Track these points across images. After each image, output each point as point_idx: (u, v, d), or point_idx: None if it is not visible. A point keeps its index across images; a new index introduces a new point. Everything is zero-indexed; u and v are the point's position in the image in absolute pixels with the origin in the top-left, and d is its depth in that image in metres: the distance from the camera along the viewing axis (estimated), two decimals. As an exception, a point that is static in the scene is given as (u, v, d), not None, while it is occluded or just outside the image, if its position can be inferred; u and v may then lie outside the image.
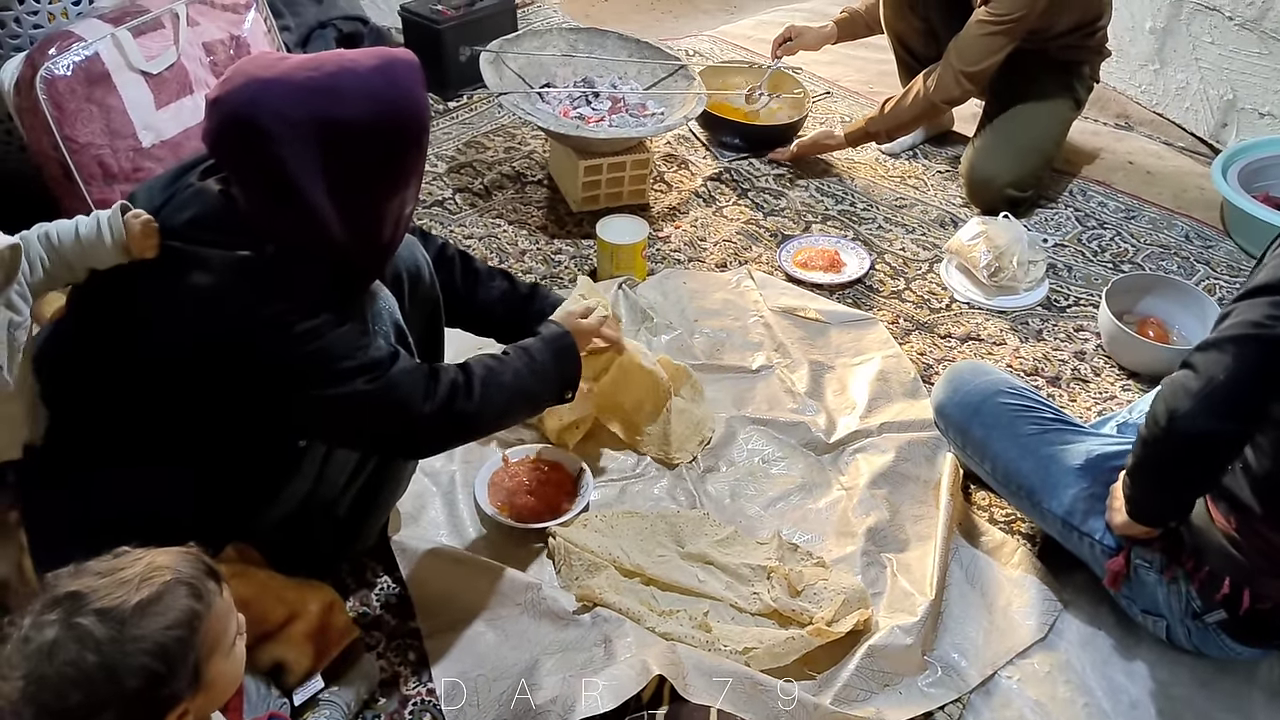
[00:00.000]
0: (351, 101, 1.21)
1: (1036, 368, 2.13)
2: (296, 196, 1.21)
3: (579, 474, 1.81)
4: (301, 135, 1.19)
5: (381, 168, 1.25)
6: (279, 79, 1.20)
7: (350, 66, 1.23)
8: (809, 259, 2.38)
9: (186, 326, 1.22)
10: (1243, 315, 1.27)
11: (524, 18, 3.38)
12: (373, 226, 1.28)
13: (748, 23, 3.64)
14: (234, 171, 1.25)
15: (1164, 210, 2.62)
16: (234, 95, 1.20)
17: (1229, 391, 1.26)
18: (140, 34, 2.09)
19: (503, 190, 2.63)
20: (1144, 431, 1.36)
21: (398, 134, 1.25)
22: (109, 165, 2.06)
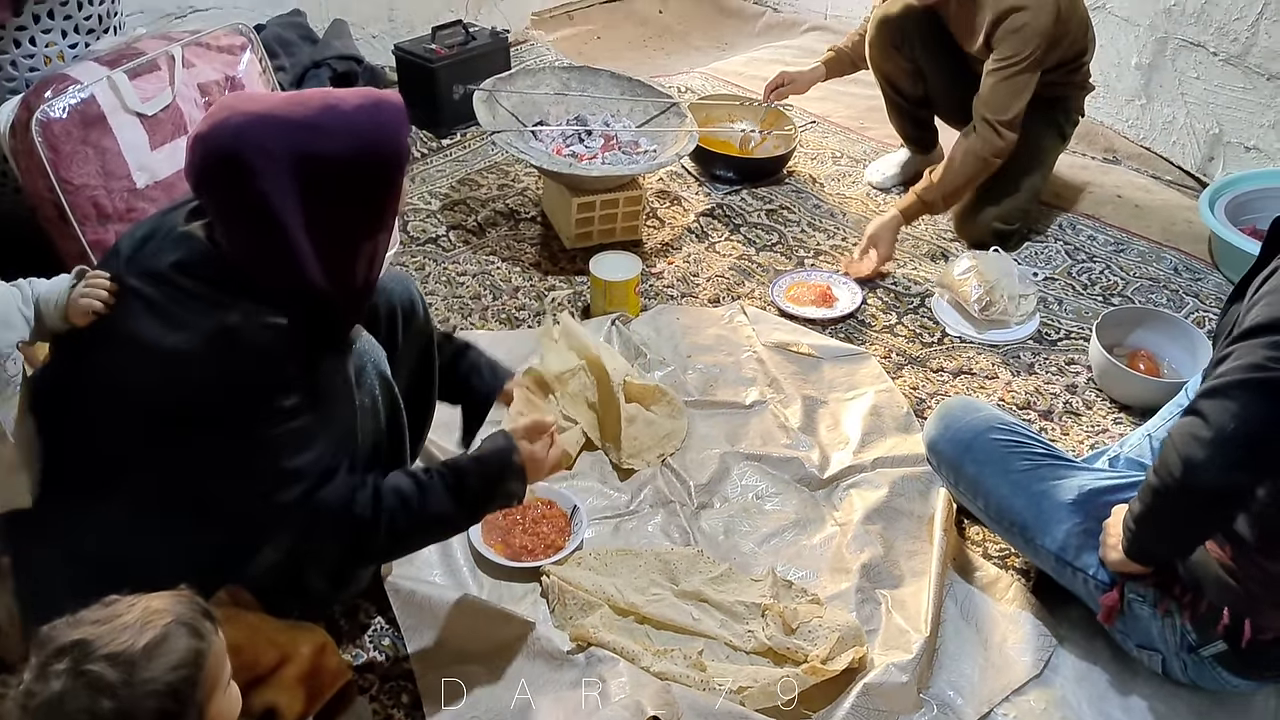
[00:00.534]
0: (334, 138, 1.21)
1: (1029, 401, 2.14)
2: (277, 232, 1.21)
3: (573, 511, 1.81)
4: (283, 169, 1.19)
5: (360, 206, 1.25)
6: (262, 115, 1.21)
7: (335, 104, 1.23)
8: (801, 294, 2.39)
9: (156, 384, 1.22)
10: (1243, 358, 1.26)
11: (517, 56, 3.42)
12: (348, 266, 1.28)
13: (739, 60, 3.68)
14: (216, 206, 1.25)
15: (1153, 243, 2.64)
16: (217, 130, 1.20)
17: (1242, 441, 1.25)
18: (136, 76, 2.10)
19: (496, 227, 2.64)
20: (1155, 481, 1.35)
21: (378, 173, 1.25)
22: (103, 206, 2.07)
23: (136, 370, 1.23)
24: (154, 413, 1.23)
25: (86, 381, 1.27)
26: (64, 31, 2.18)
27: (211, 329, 1.21)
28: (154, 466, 1.27)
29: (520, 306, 2.36)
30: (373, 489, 1.33)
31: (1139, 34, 2.92)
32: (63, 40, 2.18)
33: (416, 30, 3.21)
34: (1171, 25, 2.84)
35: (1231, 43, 2.71)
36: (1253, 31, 2.65)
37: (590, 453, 1.98)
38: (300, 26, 2.88)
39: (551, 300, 2.34)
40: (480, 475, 1.40)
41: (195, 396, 1.22)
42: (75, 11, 2.18)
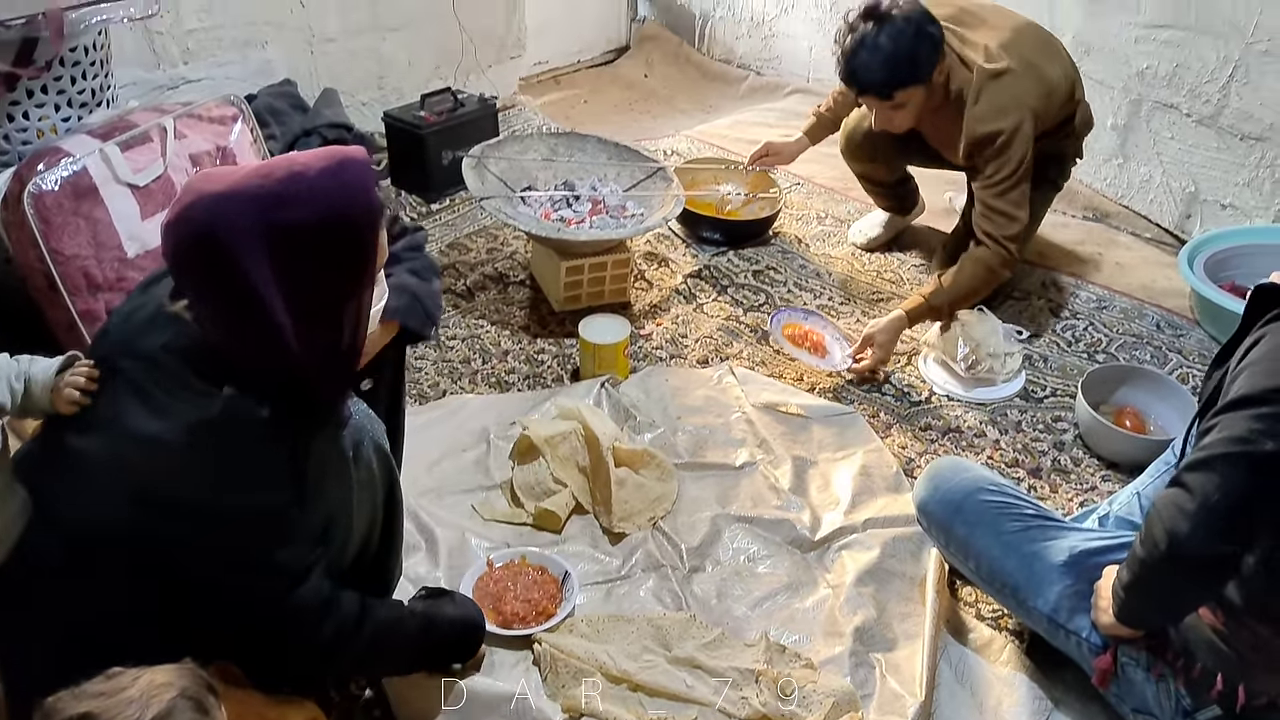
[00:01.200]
0: (301, 206, 1.20)
1: (1017, 459, 2.15)
2: (254, 308, 1.20)
3: (564, 577, 1.80)
4: (253, 244, 1.18)
5: (337, 269, 1.24)
6: (227, 192, 1.20)
7: (300, 171, 1.22)
8: (797, 334, 2.41)
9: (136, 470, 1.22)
10: (1227, 430, 1.27)
11: (505, 120, 3.47)
12: (333, 330, 1.26)
13: (723, 122, 3.74)
14: (195, 290, 1.24)
15: (1135, 300, 2.67)
16: (185, 214, 1.19)
17: (1225, 513, 1.26)
18: (128, 148, 2.13)
19: (485, 291, 2.66)
20: (1140, 552, 1.35)
21: (350, 234, 1.24)
22: (94, 276, 2.08)
23: (118, 453, 1.23)
24: (133, 497, 1.22)
25: (70, 461, 1.27)
26: (57, 105, 2.21)
27: (194, 420, 1.20)
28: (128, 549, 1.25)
29: (510, 370, 2.37)
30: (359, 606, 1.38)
31: (1114, 96, 2.99)
32: (56, 114, 2.21)
33: (406, 97, 3.26)
34: (1145, 88, 2.91)
35: (1204, 104, 2.77)
36: (1223, 94, 2.72)
37: (580, 517, 1.98)
38: (291, 96, 2.92)
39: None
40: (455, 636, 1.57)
41: (174, 486, 1.21)
42: (69, 86, 2.21)
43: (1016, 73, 2.29)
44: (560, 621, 1.72)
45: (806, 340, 2.40)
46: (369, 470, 1.42)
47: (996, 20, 2.40)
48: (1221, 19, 2.67)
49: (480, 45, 3.51)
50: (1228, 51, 2.68)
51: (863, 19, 2.23)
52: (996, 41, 2.32)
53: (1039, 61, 2.36)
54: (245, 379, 1.23)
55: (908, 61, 2.23)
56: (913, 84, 2.26)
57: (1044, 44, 2.44)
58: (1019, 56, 2.31)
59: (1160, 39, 2.82)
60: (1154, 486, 1.76)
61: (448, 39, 3.41)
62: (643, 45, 4.46)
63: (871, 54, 2.22)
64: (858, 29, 2.24)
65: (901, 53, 2.22)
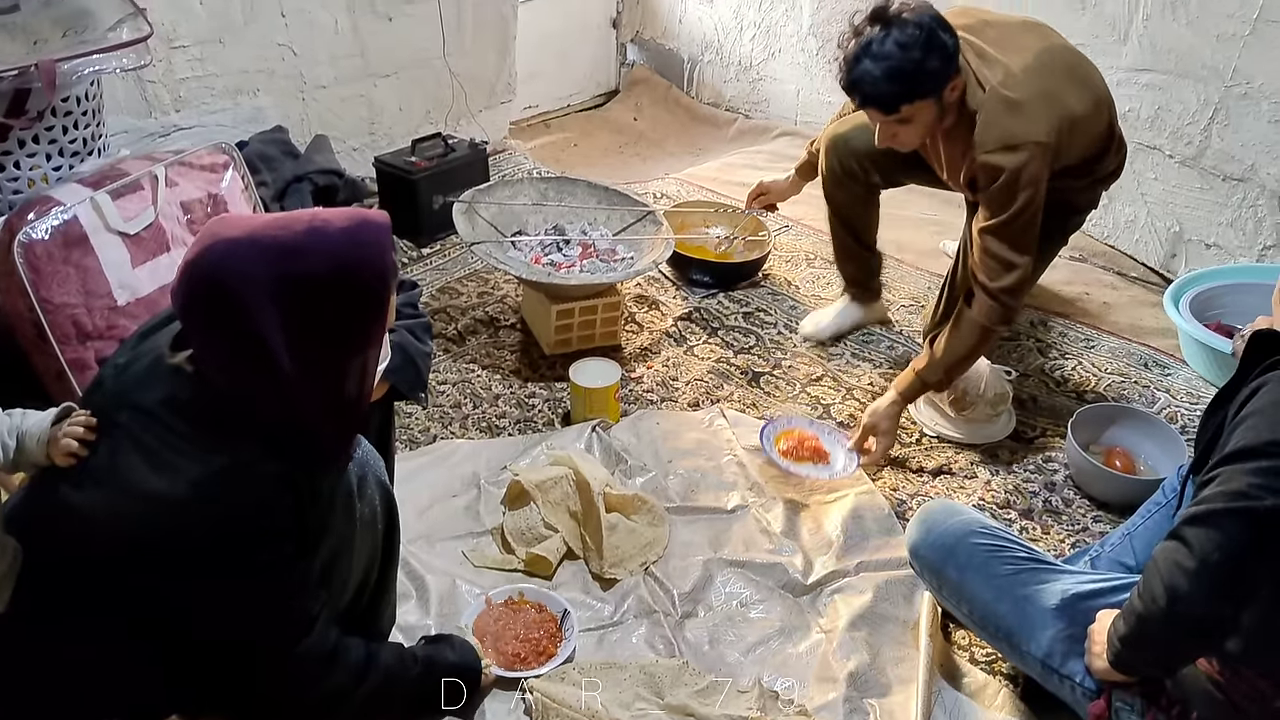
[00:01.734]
0: (316, 261, 1.22)
1: (1008, 500, 2.15)
2: (260, 354, 1.21)
3: (563, 615, 1.80)
4: (263, 294, 1.19)
5: (344, 326, 1.26)
6: (244, 239, 1.22)
7: (320, 227, 1.24)
8: (793, 448, 2.21)
9: (137, 525, 1.22)
10: (1227, 484, 1.26)
11: (496, 165, 3.49)
12: (337, 384, 1.27)
13: (712, 165, 3.77)
14: (201, 333, 1.25)
15: (1122, 339, 2.69)
16: (201, 256, 1.21)
17: (1226, 571, 1.25)
18: (119, 196, 2.14)
19: (476, 335, 2.67)
20: (1139, 606, 1.34)
21: (361, 294, 1.25)
22: (83, 324, 2.08)
23: (117, 508, 1.22)
24: (133, 552, 1.22)
25: (66, 513, 1.26)
26: (48, 155, 2.22)
27: (199, 476, 1.20)
28: (125, 604, 1.25)
29: (500, 414, 2.37)
30: (366, 653, 1.41)
31: (1097, 137, 3.03)
32: (47, 163, 2.22)
33: (397, 143, 3.28)
34: (1128, 130, 2.92)
35: (1186, 146, 2.81)
36: (1205, 135, 2.76)
37: (572, 562, 1.97)
38: (282, 143, 2.94)
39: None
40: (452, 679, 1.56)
41: (178, 543, 1.21)
42: (60, 135, 2.22)
43: (1033, 103, 2.06)
44: (563, 662, 1.71)
45: (803, 449, 2.20)
46: (371, 507, 1.42)
47: (1023, 39, 2.17)
48: (1200, 63, 2.71)
49: (471, 91, 3.55)
50: (1207, 95, 2.72)
51: (869, 22, 1.99)
52: (1020, 64, 2.09)
53: (1061, 89, 2.12)
54: (249, 429, 1.23)
55: (917, 72, 1.97)
56: (921, 98, 2.01)
57: (1071, 69, 2.20)
58: (1039, 84, 2.09)
59: (1141, 82, 2.87)
60: (1145, 527, 1.76)
61: (438, 85, 3.45)
62: (632, 89, 4.51)
63: (876, 62, 1.96)
64: (863, 33, 1.99)
65: (910, 62, 1.95)
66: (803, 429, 2.26)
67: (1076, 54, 2.26)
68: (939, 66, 1.98)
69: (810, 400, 2.46)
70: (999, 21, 2.21)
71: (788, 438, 2.22)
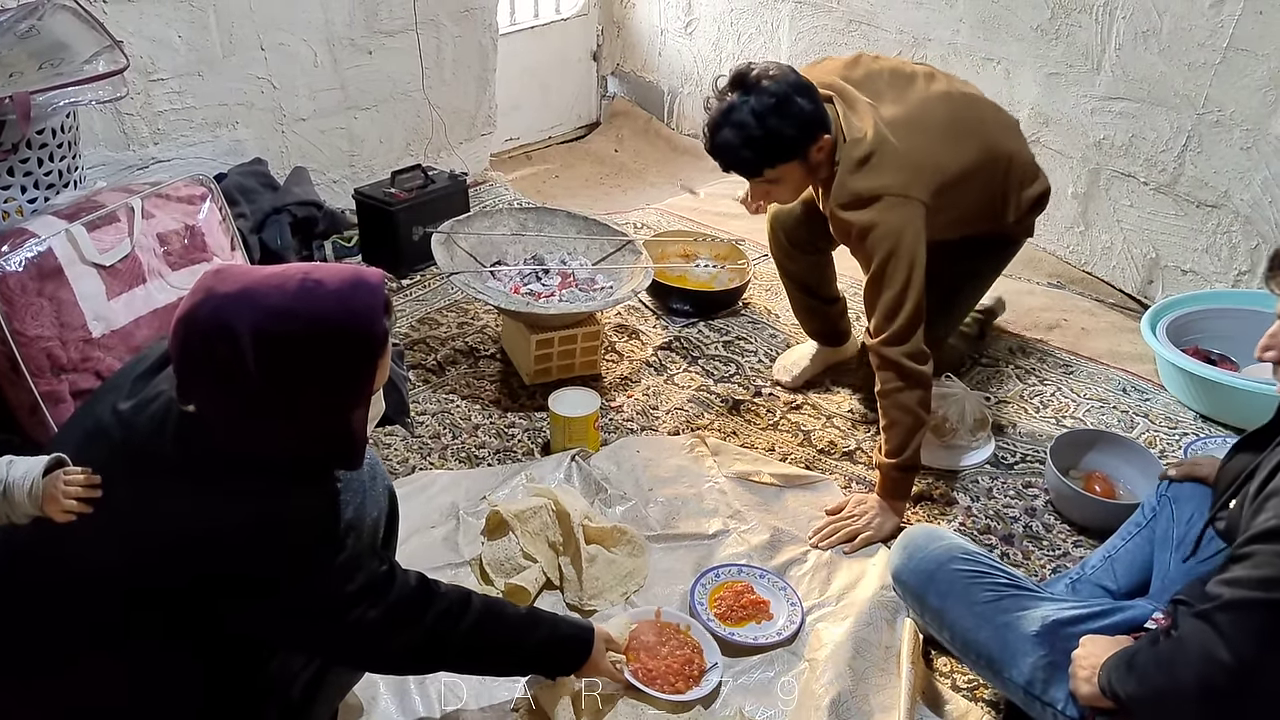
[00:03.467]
0: (306, 321, 1.23)
1: (989, 526, 2.14)
2: (255, 409, 1.23)
3: (712, 666, 1.79)
4: (254, 352, 1.21)
5: (330, 385, 1.27)
6: (236, 294, 1.23)
7: (312, 287, 1.25)
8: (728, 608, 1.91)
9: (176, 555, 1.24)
10: (1262, 569, 1.22)
11: (476, 196, 3.50)
12: (332, 433, 1.30)
13: (692, 196, 3.79)
14: (196, 386, 1.25)
15: (1100, 364, 2.70)
16: (194, 311, 1.22)
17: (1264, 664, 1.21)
18: (95, 228, 2.13)
19: (455, 365, 2.66)
20: (1160, 683, 1.29)
21: (351, 354, 1.26)
22: (58, 357, 2.06)
23: (150, 547, 1.24)
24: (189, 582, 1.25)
25: (74, 564, 1.26)
26: (24, 187, 2.21)
27: (255, 510, 1.25)
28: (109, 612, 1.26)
29: (480, 445, 2.36)
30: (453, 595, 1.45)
31: (1073, 165, 3.06)
32: (22, 196, 2.21)
33: (377, 174, 3.28)
34: (1103, 158, 2.98)
35: (1160, 173, 2.84)
36: (1179, 163, 2.79)
37: (551, 593, 1.95)
38: (261, 174, 2.94)
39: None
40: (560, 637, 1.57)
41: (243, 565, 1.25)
42: (36, 168, 2.21)
43: (889, 158, 2.02)
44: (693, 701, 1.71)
45: (740, 605, 1.92)
46: (379, 507, 1.45)
47: (907, 91, 2.16)
48: (1173, 91, 2.75)
49: (451, 123, 3.56)
50: (1180, 122, 2.76)
51: (730, 88, 2.02)
52: (890, 115, 2.07)
53: (931, 142, 2.08)
54: (266, 465, 1.27)
55: (773, 139, 2.00)
56: (782, 162, 2.04)
57: (952, 121, 2.15)
58: (905, 138, 2.05)
59: (1115, 110, 2.90)
60: (1126, 550, 1.76)
61: (418, 117, 3.46)
62: (613, 121, 4.54)
63: (734, 130, 2.00)
64: (724, 99, 2.02)
65: (766, 130, 1.98)
66: (735, 581, 1.97)
67: (969, 103, 2.24)
68: (794, 133, 2.01)
69: (791, 427, 2.45)
70: (890, 70, 2.20)
71: (722, 593, 1.94)
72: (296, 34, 3.01)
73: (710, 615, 1.89)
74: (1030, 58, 3.06)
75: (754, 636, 1.85)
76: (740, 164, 2.06)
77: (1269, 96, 2.56)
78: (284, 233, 2.81)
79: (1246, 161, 2.65)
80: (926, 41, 3.30)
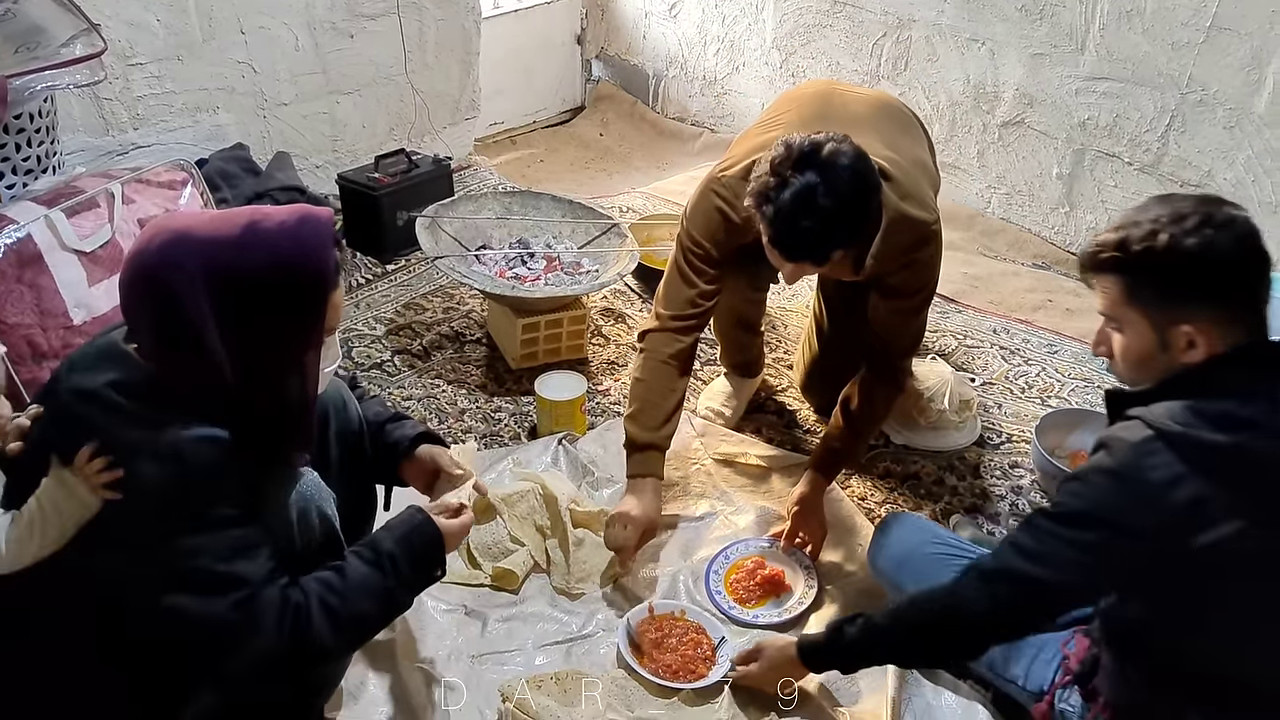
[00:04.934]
0: (253, 255, 1.22)
1: (975, 506, 2.15)
2: (194, 346, 1.21)
3: (720, 641, 1.79)
4: (199, 285, 1.20)
5: (282, 322, 1.25)
6: (185, 231, 1.23)
7: (259, 220, 1.25)
8: (744, 585, 1.92)
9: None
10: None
11: (461, 181, 3.48)
12: (277, 381, 1.28)
13: (678, 178, 3.77)
14: (137, 321, 1.25)
15: (1085, 344, 2.70)
16: (143, 248, 1.23)
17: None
18: (74, 214, 2.11)
19: (441, 350, 2.65)
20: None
21: (299, 290, 1.25)
22: (38, 344, 2.05)
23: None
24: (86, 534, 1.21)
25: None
26: (1, 173, 2.19)
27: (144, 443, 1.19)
28: (83, 597, 1.24)
29: (466, 430, 2.35)
30: (299, 586, 1.31)
31: (1057, 146, 3.06)
32: (0, 182, 2.18)
33: (360, 159, 3.26)
34: (1087, 138, 2.98)
35: (1144, 153, 2.85)
36: (1162, 142, 2.79)
37: (539, 576, 1.95)
38: (243, 160, 2.92)
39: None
40: (393, 539, 1.41)
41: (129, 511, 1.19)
42: (13, 153, 2.19)
43: (913, 183, 1.87)
44: (710, 685, 1.70)
45: (756, 584, 1.92)
46: (312, 533, 1.39)
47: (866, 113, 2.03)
48: (1157, 71, 2.75)
49: (434, 107, 3.53)
50: (1164, 102, 2.76)
51: (796, 169, 1.66)
52: (880, 142, 1.89)
53: (923, 169, 2.00)
54: (198, 410, 1.23)
55: (859, 219, 1.72)
56: (857, 244, 1.77)
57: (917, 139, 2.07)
58: (908, 166, 1.91)
59: (1099, 90, 2.90)
60: None
61: (402, 102, 3.43)
62: (598, 105, 4.51)
63: (815, 219, 1.65)
64: (791, 183, 1.65)
65: (851, 211, 1.69)
66: (745, 559, 1.98)
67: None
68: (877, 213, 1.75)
69: (776, 407, 2.45)
70: (836, 96, 2.08)
71: (736, 575, 1.94)
72: (277, 17, 2.98)
73: (731, 603, 1.88)
74: (1015, 38, 3.05)
75: (777, 614, 1.87)
76: (814, 253, 1.74)
77: (1252, 75, 2.57)
78: (267, 218, 2.78)
79: (1230, 141, 2.66)
80: (911, 23, 3.29)
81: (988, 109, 3.20)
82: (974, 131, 3.27)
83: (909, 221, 1.81)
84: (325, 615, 1.30)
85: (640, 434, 2.00)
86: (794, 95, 2.16)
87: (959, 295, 2.93)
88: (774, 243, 1.72)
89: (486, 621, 1.83)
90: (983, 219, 3.31)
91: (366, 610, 1.37)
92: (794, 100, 2.11)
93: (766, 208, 1.68)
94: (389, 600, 1.40)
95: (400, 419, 1.70)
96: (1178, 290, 1.24)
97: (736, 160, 1.94)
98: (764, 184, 1.69)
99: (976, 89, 3.20)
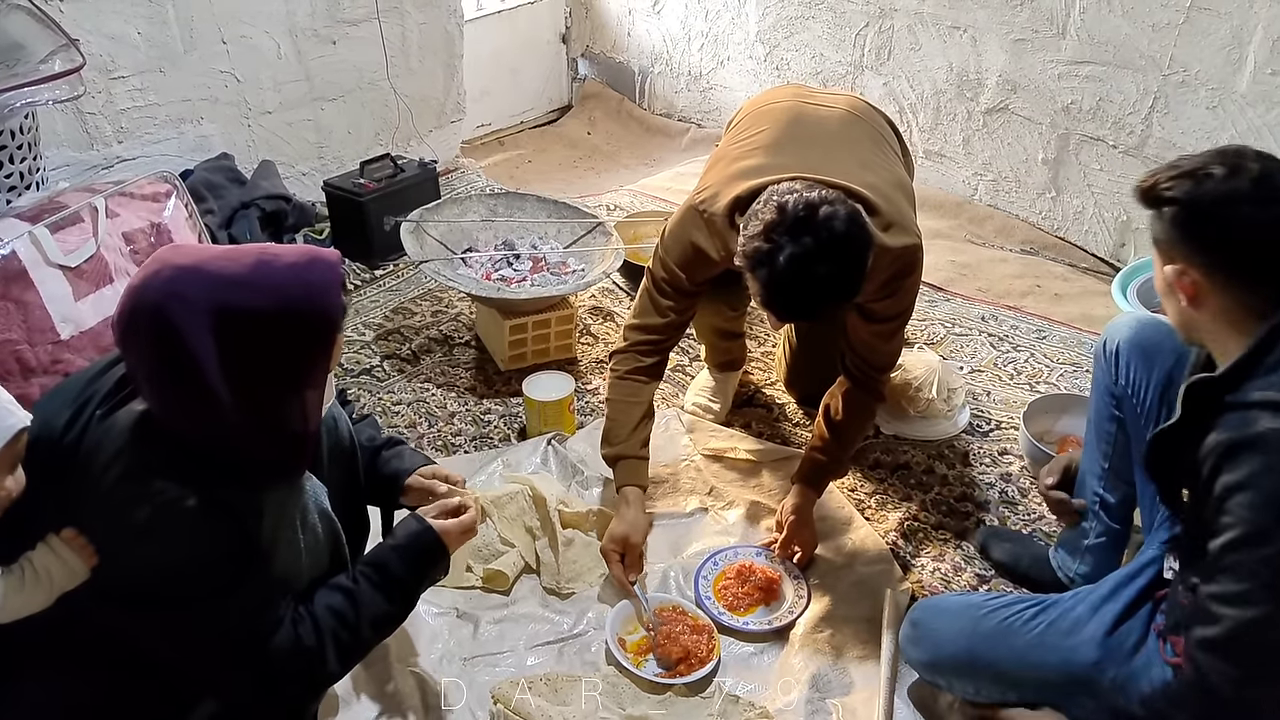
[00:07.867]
0: (259, 295, 1.22)
1: (965, 494, 2.16)
2: (192, 383, 1.21)
3: (712, 631, 1.82)
4: (202, 323, 1.20)
5: (284, 362, 1.26)
6: (192, 267, 1.22)
7: (269, 261, 1.25)
8: (734, 592, 1.91)
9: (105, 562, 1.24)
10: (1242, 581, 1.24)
11: (448, 184, 3.48)
12: (276, 419, 1.28)
13: (665, 175, 3.77)
14: (138, 357, 1.24)
15: (1073, 329, 2.71)
16: (148, 282, 1.22)
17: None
18: (59, 229, 2.11)
19: (430, 354, 2.65)
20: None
21: (303, 331, 1.25)
22: (27, 360, 2.05)
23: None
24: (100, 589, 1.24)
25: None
26: (-17, 191, 2.19)
27: (154, 511, 1.21)
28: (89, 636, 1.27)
29: (456, 432, 2.36)
30: (309, 618, 1.35)
31: (1042, 131, 3.06)
32: (-18, 199, 2.19)
33: (346, 165, 3.26)
34: (1071, 122, 2.98)
35: (1128, 136, 2.84)
36: (1146, 124, 2.79)
37: (530, 577, 1.96)
38: (228, 170, 2.92)
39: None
40: (404, 562, 1.46)
41: (141, 575, 1.23)
42: (-5, 170, 2.20)
43: (895, 210, 1.84)
44: (709, 673, 1.73)
45: (745, 591, 1.91)
46: (315, 533, 1.41)
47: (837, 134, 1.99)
48: (1138, 53, 2.75)
49: (419, 111, 3.54)
50: (1147, 84, 2.76)
51: (791, 234, 1.61)
52: (856, 163, 1.89)
53: (905, 194, 1.97)
54: (204, 463, 1.24)
55: (854, 280, 1.66)
56: (850, 299, 1.73)
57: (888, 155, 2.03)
58: (881, 170, 1.92)
59: (1082, 74, 2.90)
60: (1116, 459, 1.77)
61: (386, 107, 3.43)
62: (585, 103, 4.51)
63: (810, 285, 1.63)
64: (785, 249, 1.61)
65: (847, 275, 1.65)
66: (733, 564, 1.96)
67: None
68: (869, 262, 1.68)
69: (764, 400, 2.46)
70: (824, 117, 2.03)
71: (724, 581, 1.93)
72: (258, 26, 2.98)
73: (720, 609, 1.87)
74: (996, 24, 3.05)
75: (767, 621, 1.85)
76: (808, 315, 1.73)
77: (1232, 55, 2.56)
78: (253, 228, 2.79)
79: (1213, 121, 2.66)
80: (893, 12, 3.29)
81: (971, 96, 3.20)
82: (959, 119, 3.27)
83: (893, 254, 1.79)
84: (337, 651, 1.36)
85: (609, 450, 2.02)
86: (763, 110, 2.07)
87: (947, 283, 2.93)
88: (767, 306, 1.70)
89: (478, 624, 1.84)
90: (970, 206, 3.31)
91: (374, 638, 1.45)
92: (765, 117, 2.03)
93: (760, 271, 1.64)
94: (394, 624, 1.49)
95: (394, 444, 1.73)
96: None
97: (716, 189, 1.88)
98: (756, 248, 1.64)
99: (960, 76, 3.20)
